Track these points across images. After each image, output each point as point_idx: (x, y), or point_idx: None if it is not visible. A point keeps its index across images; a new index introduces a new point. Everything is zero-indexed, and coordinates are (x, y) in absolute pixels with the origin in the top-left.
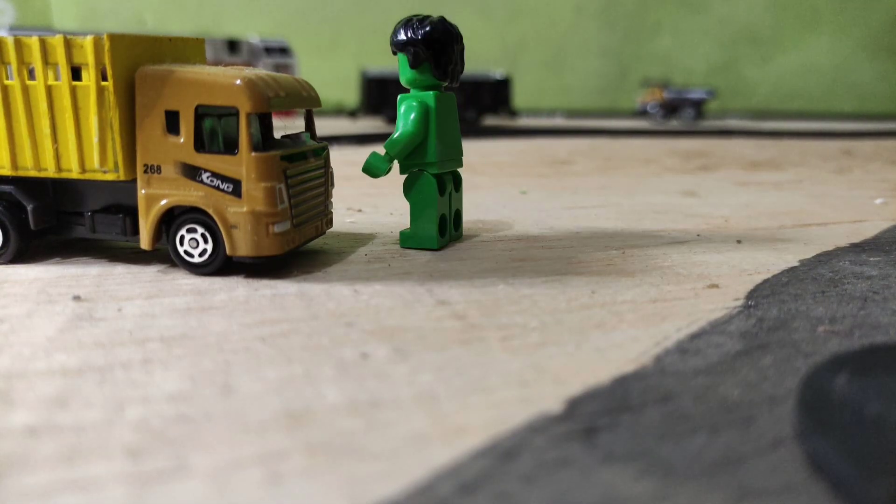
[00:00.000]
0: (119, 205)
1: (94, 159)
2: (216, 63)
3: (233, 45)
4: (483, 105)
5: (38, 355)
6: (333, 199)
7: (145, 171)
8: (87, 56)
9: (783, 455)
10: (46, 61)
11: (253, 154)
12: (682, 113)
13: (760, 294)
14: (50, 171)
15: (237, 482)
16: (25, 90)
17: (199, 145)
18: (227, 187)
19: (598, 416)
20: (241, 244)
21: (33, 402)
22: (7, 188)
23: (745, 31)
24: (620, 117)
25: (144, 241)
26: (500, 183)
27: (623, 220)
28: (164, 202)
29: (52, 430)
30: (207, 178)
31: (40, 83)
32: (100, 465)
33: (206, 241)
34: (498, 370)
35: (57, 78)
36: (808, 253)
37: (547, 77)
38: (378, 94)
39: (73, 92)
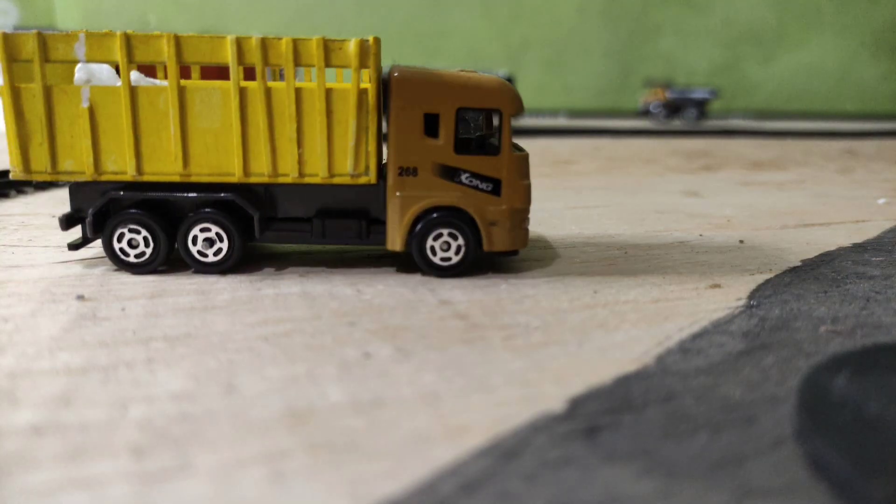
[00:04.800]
0: (345, 209)
1: (346, 163)
2: None
3: None
4: None
5: (42, 354)
6: None
7: (400, 174)
8: (351, 59)
9: (784, 455)
10: (298, 63)
11: (514, 154)
12: (684, 113)
13: (763, 294)
14: (290, 177)
15: (240, 481)
16: (268, 93)
17: (459, 147)
18: (487, 186)
19: (600, 416)
20: (499, 240)
21: (38, 401)
22: (228, 196)
23: (748, 31)
24: (623, 117)
25: (397, 243)
26: None
27: (625, 220)
28: (421, 203)
29: (56, 428)
30: (466, 178)
31: (289, 86)
32: (104, 463)
33: (455, 240)
34: (500, 370)
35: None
36: (811, 253)
37: (549, 77)
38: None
39: (328, 95)
